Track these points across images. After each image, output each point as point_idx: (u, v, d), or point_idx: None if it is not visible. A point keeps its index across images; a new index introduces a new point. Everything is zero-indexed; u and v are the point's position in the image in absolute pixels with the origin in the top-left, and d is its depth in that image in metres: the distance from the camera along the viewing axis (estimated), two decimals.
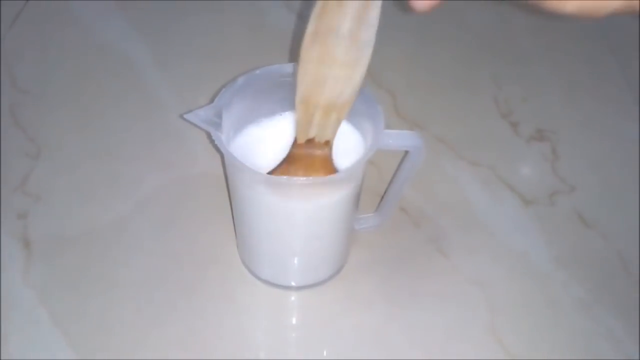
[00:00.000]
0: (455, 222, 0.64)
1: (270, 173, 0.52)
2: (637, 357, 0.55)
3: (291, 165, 0.51)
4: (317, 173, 0.51)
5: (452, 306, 0.59)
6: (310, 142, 0.49)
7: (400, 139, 0.51)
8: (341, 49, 0.44)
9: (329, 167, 0.51)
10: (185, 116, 0.49)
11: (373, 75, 0.77)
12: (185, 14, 0.83)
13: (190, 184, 0.66)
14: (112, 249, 0.61)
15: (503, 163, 0.69)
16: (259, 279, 0.59)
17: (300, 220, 0.53)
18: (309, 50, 0.44)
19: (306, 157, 0.50)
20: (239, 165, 0.48)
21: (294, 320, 0.59)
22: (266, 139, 0.54)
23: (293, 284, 0.59)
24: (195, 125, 0.49)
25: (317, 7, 0.42)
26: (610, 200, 0.67)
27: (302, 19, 0.45)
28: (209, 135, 0.49)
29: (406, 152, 0.53)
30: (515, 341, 0.56)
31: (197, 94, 0.71)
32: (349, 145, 0.54)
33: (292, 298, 0.59)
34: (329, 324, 0.58)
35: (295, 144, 0.50)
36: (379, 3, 0.42)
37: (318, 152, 0.50)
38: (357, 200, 0.55)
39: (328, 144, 0.50)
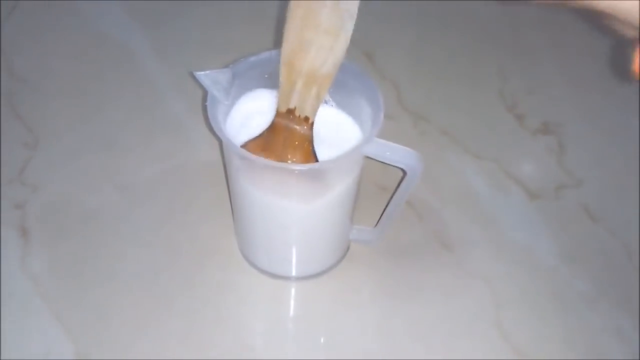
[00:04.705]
0: (460, 216, 0.64)
1: (251, 141, 0.51)
2: None
3: (271, 135, 0.51)
4: (295, 151, 0.51)
5: (456, 300, 0.58)
6: (290, 112, 0.50)
7: (396, 154, 0.48)
8: (324, 14, 0.46)
9: (307, 148, 0.51)
10: (196, 73, 0.48)
11: (377, 66, 0.76)
12: (184, 3, 0.83)
13: (190, 175, 0.65)
14: (110, 240, 0.60)
15: (508, 156, 0.69)
16: (258, 269, 0.58)
17: (292, 212, 0.52)
18: (295, 10, 0.46)
19: (286, 130, 0.51)
20: (225, 140, 0.47)
21: (293, 312, 0.58)
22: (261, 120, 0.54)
23: (292, 274, 0.58)
24: (201, 85, 0.48)
25: None
26: (616, 194, 0.66)
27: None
28: (204, 110, 0.48)
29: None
30: (520, 336, 0.55)
31: (196, 83, 0.70)
32: (350, 142, 0.53)
33: (292, 289, 0.59)
34: (329, 315, 0.57)
35: (277, 113, 0.51)
36: None
37: (298, 128, 0.51)
38: (353, 198, 0.54)
39: (308, 121, 0.50)
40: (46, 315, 0.55)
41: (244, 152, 0.47)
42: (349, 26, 0.46)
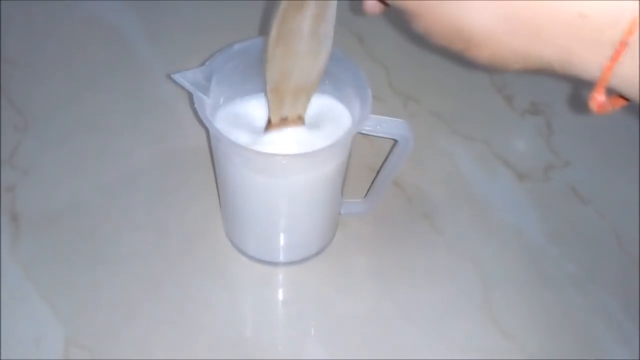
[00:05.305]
0: (449, 197, 0.64)
1: None
2: (631, 334, 0.55)
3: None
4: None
5: (445, 282, 0.58)
6: (284, 120, 0.51)
7: (387, 126, 0.50)
8: (303, 45, 0.46)
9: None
10: (172, 76, 0.48)
11: (367, 48, 0.76)
12: None
13: (179, 158, 0.65)
14: (100, 223, 0.60)
15: (497, 137, 0.69)
16: (246, 255, 0.58)
17: (281, 196, 0.52)
18: (274, 51, 0.46)
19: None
20: (216, 134, 0.47)
21: (281, 297, 0.58)
22: (255, 113, 0.54)
23: (280, 259, 0.58)
24: (182, 87, 0.48)
25: (279, 12, 0.44)
26: (605, 175, 0.66)
27: None
28: (191, 104, 0.48)
29: (395, 141, 0.51)
30: (508, 317, 0.56)
31: (188, 66, 0.70)
32: (338, 124, 0.53)
33: (280, 274, 0.59)
34: (318, 300, 0.57)
35: (269, 123, 0.51)
36: (335, 3, 0.44)
37: (292, 126, 0.52)
38: (342, 176, 0.54)
39: (300, 117, 0.52)
40: (36, 298, 0.55)
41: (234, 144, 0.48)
42: (329, 43, 0.47)
